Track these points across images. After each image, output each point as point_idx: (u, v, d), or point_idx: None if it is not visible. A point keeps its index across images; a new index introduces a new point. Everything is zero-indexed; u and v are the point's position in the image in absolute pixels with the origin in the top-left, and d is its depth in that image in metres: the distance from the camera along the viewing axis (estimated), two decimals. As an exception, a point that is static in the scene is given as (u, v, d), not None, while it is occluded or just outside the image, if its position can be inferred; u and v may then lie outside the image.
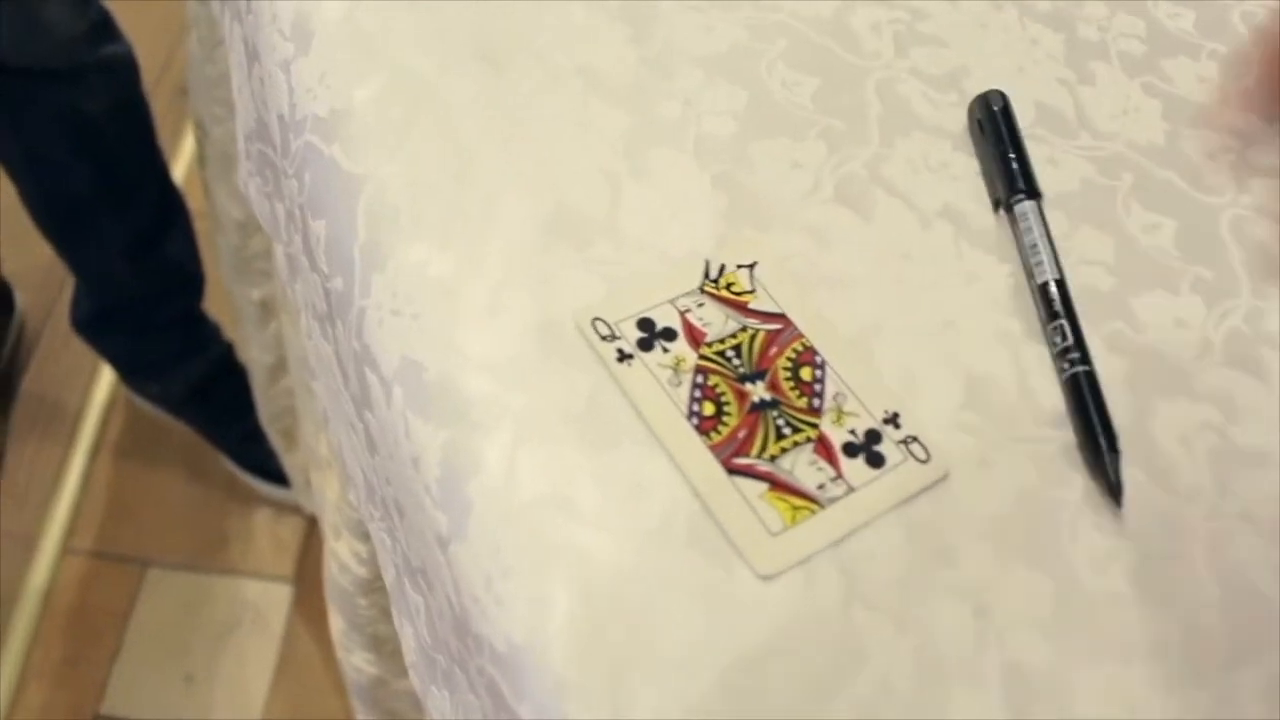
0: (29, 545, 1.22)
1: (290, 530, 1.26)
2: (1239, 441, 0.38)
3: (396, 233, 0.40)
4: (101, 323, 1.17)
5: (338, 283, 0.41)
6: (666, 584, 0.32)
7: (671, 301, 0.38)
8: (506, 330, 0.37)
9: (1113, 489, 0.35)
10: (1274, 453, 0.38)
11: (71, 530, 1.24)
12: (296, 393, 0.91)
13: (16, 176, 1.02)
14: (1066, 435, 0.37)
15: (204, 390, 1.24)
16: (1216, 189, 0.45)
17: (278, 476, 1.21)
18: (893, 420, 0.36)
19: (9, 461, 1.28)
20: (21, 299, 1.35)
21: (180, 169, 1.49)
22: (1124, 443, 0.37)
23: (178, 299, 1.18)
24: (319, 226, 0.43)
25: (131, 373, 1.25)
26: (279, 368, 1.04)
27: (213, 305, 1.22)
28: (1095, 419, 0.37)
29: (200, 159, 0.97)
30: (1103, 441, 0.36)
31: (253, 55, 0.52)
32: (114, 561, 1.23)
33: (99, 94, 0.97)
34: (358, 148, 0.43)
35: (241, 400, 1.16)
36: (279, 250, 0.58)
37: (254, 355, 1.07)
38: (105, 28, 0.97)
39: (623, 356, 0.36)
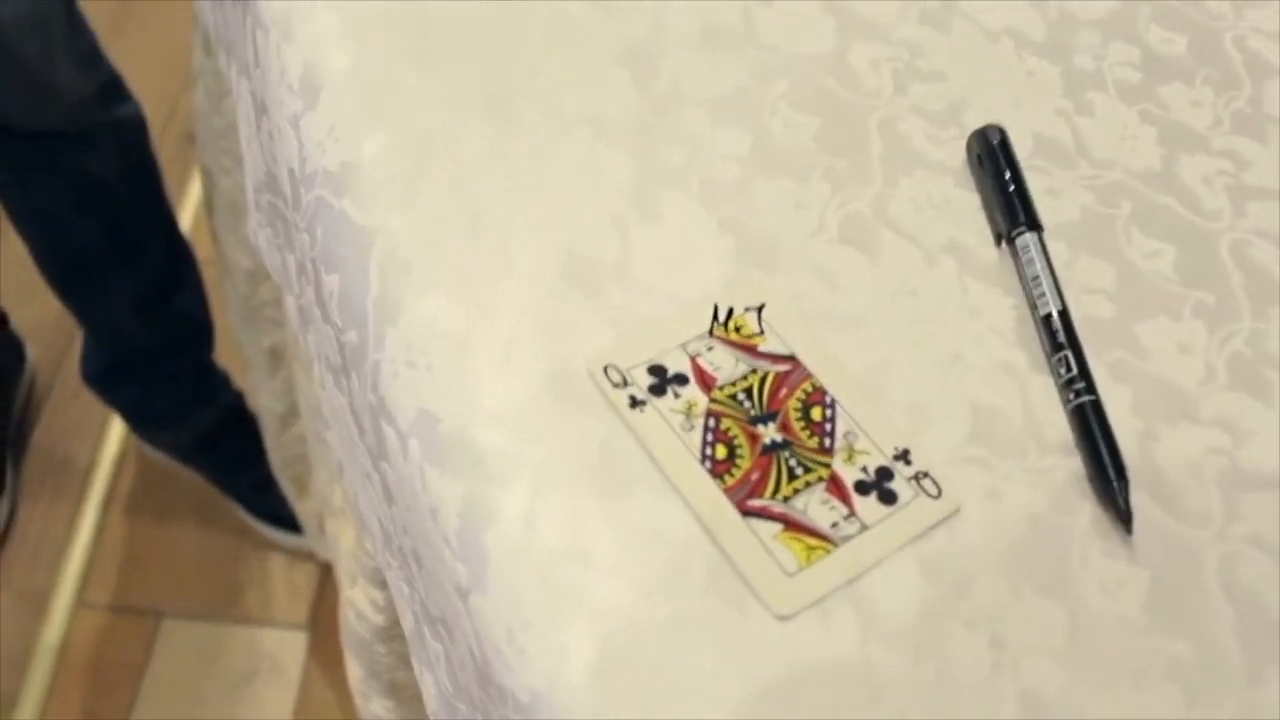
0: (43, 600, 1.24)
1: (304, 577, 1.27)
2: (1245, 465, 0.39)
3: (409, 285, 0.41)
4: (111, 375, 1.19)
5: (351, 335, 0.43)
6: (685, 629, 0.34)
7: (682, 346, 0.39)
8: (520, 380, 0.38)
9: (1123, 516, 0.36)
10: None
11: (85, 584, 1.25)
12: (308, 440, 0.92)
13: (25, 234, 1.04)
14: (1075, 464, 0.38)
15: (214, 440, 1.25)
16: (1215, 214, 0.47)
17: (290, 524, 1.22)
18: (903, 457, 0.37)
19: (21, 516, 1.29)
20: (32, 352, 1.37)
21: (187, 216, 1.51)
22: (1131, 470, 0.38)
23: (187, 350, 1.19)
24: (332, 280, 0.44)
25: (142, 423, 1.27)
26: (290, 415, 1.06)
27: (223, 354, 1.23)
28: (1103, 448, 0.38)
29: (208, 208, 0.99)
30: (1111, 470, 0.37)
31: (261, 109, 0.54)
32: (128, 614, 1.24)
33: (108, 155, 0.99)
34: (368, 201, 0.44)
35: (252, 449, 1.17)
36: (290, 301, 0.59)
37: (264, 403, 1.08)
38: (114, 88, 0.98)
39: (635, 403, 0.37)
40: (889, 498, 0.36)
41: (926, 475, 0.37)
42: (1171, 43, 0.53)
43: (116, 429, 1.36)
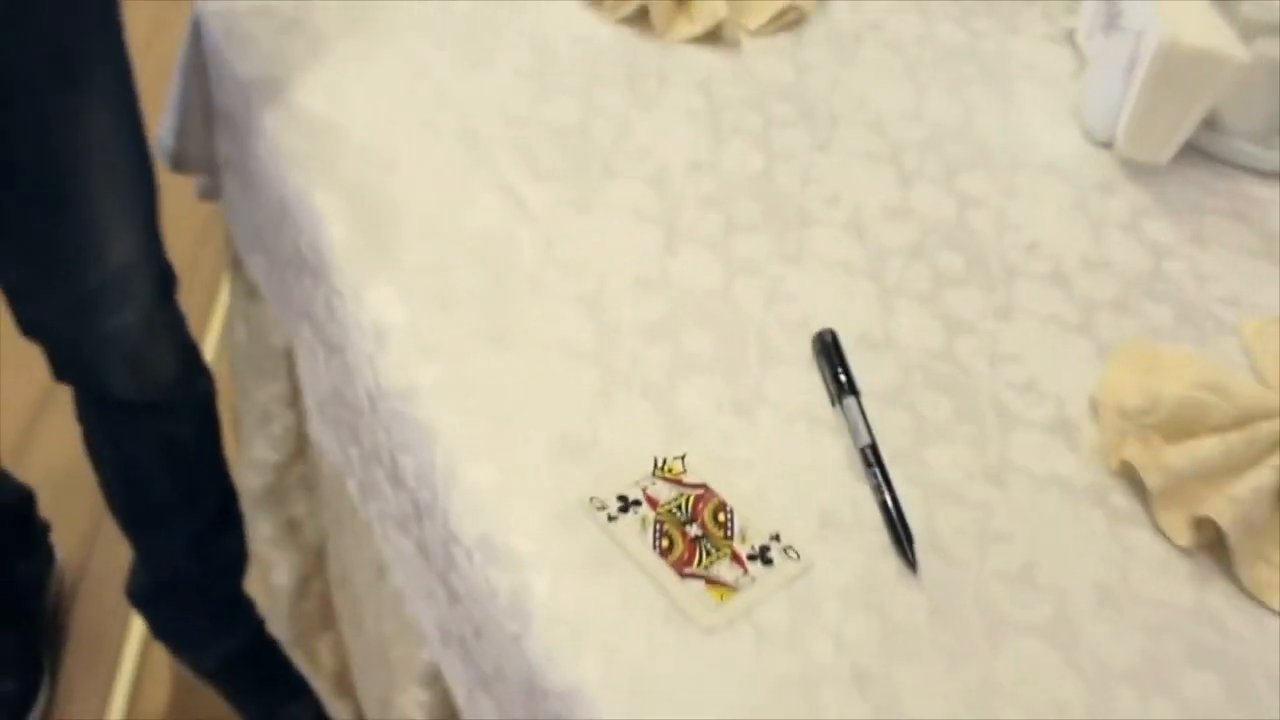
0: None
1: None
2: (991, 528, 0.65)
3: (462, 459, 0.67)
4: (153, 596, 1.37)
5: (425, 495, 0.68)
6: (654, 645, 0.58)
7: (636, 483, 0.64)
8: (540, 510, 0.64)
9: (910, 564, 0.62)
10: (1015, 534, 0.65)
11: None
12: (335, 600, 1.14)
13: (106, 481, 1.23)
14: (883, 537, 0.64)
15: (235, 664, 1.41)
16: (975, 370, 0.74)
17: None
18: (776, 538, 0.62)
19: (59, 699, 1.48)
20: (60, 553, 1.58)
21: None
22: (919, 536, 0.64)
23: (226, 581, 1.36)
24: (406, 460, 0.70)
25: (172, 642, 1.43)
26: (303, 586, 1.27)
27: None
28: (899, 525, 0.63)
29: (235, 422, 1.24)
30: (904, 537, 0.63)
31: (333, 349, 0.80)
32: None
33: (187, 421, 1.19)
34: (430, 409, 0.70)
35: (267, 674, 1.34)
36: (351, 482, 0.84)
37: (278, 580, 1.30)
38: (197, 365, 1.19)
39: (610, 519, 0.62)
40: (769, 562, 0.61)
41: (791, 548, 0.62)
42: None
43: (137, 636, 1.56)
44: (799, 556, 0.62)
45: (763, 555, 0.62)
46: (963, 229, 0.86)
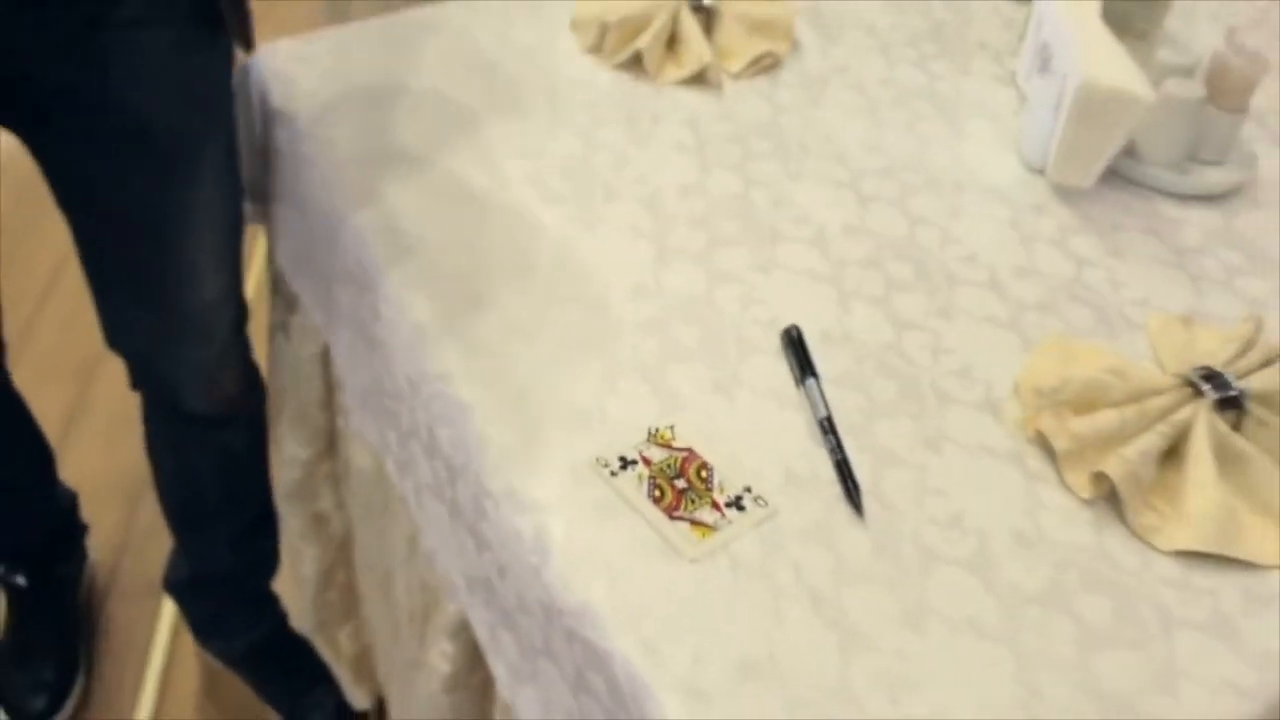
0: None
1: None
2: (927, 485, 0.80)
3: (492, 429, 0.81)
4: (190, 588, 1.51)
5: (459, 459, 0.83)
6: (651, 571, 0.73)
7: (634, 447, 0.79)
8: (558, 468, 0.78)
9: (858, 510, 0.77)
10: (947, 490, 0.80)
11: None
12: (359, 579, 1.29)
13: (163, 486, 1.37)
14: (836, 490, 0.79)
15: (261, 653, 1.55)
16: (918, 360, 0.89)
17: None
18: (748, 490, 0.77)
19: (94, 692, 1.62)
20: (92, 555, 1.72)
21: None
22: (866, 489, 0.78)
23: (258, 577, 1.51)
24: (443, 432, 0.85)
25: (204, 631, 1.57)
26: (329, 575, 1.41)
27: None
28: (849, 478, 0.78)
29: (276, 412, 1.38)
30: (852, 486, 0.78)
31: (376, 345, 0.95)
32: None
33: (243, 432, 1.32)
34: (465, 388, 0.85)
35: (290, 662, 1.47)
36: (389, 462, 0.99)
37: (305, 571, 1.44)
38: (257, 382, 1.32)
39: (613, 474, 0.77)
40: (742, 508, 0.76)
41: (761, 498, 0.77)
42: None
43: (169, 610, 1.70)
44: (767, 504, 0.77)
45: (737, 503, 0.76)
46: (912, 244, 1.01)
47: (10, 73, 0.94)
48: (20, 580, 1.59)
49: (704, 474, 0.78)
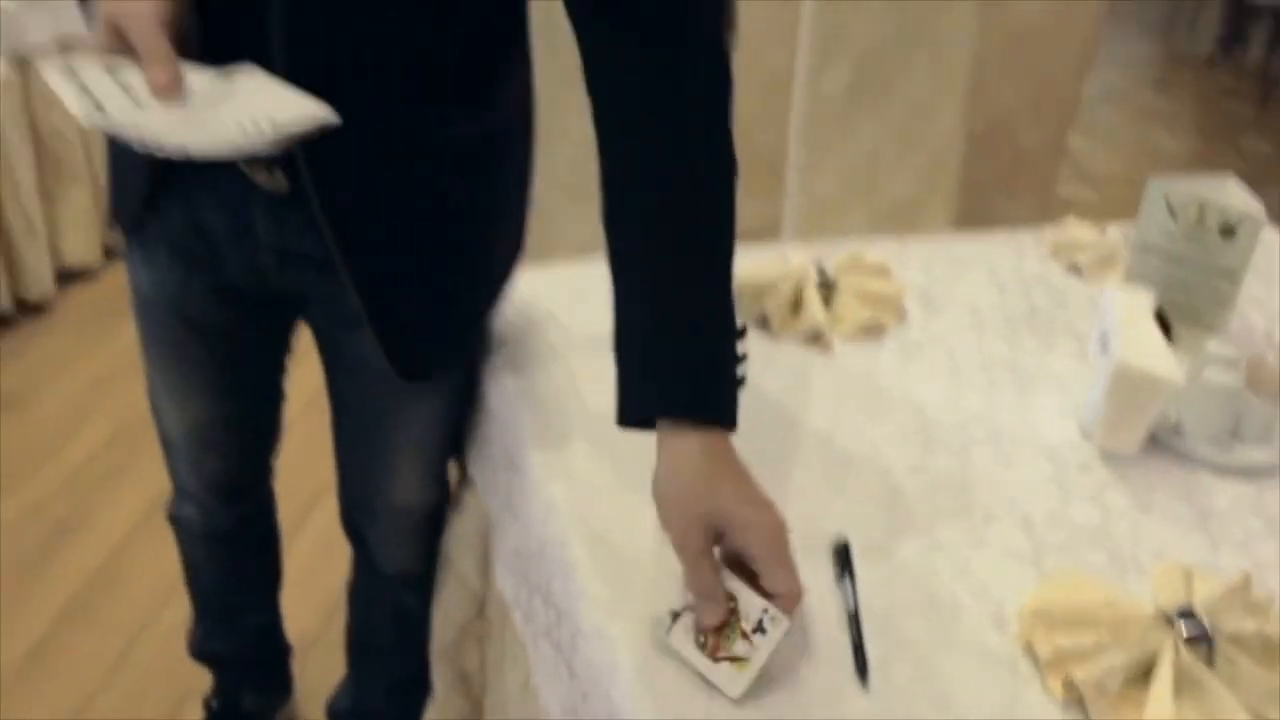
0: None
1: None
2: (928, 669, 1.02)
3: (589, 583, 1.08)
4: (350, 715, 1.83)
5: (566, 604, 1.09)
6: (699, 699, 0.97)
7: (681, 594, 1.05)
8: (631, 620, 1.04)
9: (863, 681, 0.99)
10: (947, 677, 1.01)
11: None
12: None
13: (350, 623, 1.74)
14: (847, 654, 1.01)
15: None
16: (944, 574, 1.12)
17: None
18: (765, 612, 1.00)
19: None
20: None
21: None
22: (874, 666, 1.01)
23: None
24: (556, 585, 1.12)
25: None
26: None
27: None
28: (861, 650, 1.01)
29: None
30: (862, 660, 1.00)
31: (517, 517, 1.25)
32: None
33: (422, 592, 1.57)
34: (576, 553, 1.12)
35: None
36: (517, 614, 1.26)
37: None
38: (438, 551, 1.64)
39: (667, 630, 1.02)
40: (763, 631, 0.98)
41: (775, 616, 0.99)
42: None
43: None
44: (782, 621, 0.98)
45: (759, 627, 0.99)
46: (964, 486, 1.24)
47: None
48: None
49: (731, 603, 1.01)
